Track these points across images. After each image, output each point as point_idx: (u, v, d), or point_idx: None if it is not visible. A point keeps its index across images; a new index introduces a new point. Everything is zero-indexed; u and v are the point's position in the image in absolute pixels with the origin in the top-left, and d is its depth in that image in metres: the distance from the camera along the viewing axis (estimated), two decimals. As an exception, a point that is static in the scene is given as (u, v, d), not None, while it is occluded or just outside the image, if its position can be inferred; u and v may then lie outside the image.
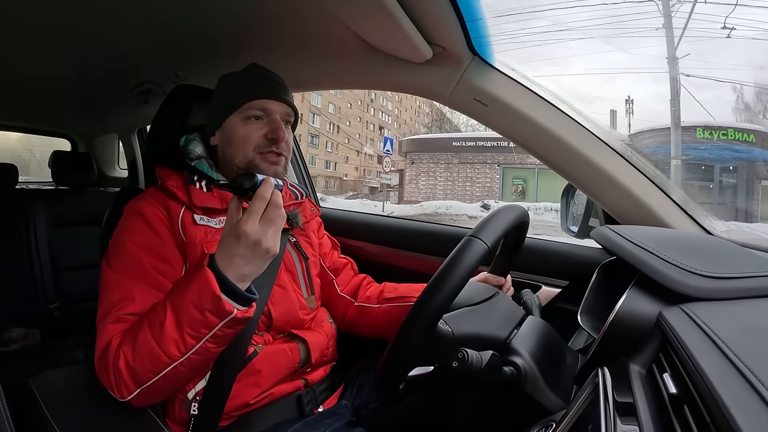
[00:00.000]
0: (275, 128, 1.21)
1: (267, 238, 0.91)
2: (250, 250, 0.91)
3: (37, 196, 2.59)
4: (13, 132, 3.18)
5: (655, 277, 0.77)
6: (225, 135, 1.25)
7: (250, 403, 1.15)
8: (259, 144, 1.21)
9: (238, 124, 1.22)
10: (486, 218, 0.99)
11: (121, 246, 1.12)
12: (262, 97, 1.22)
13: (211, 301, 0.90)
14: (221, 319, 0.91)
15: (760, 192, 15.36)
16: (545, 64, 31.19)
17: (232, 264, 0.92)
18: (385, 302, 1.43)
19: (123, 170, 3.34)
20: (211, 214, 1.21)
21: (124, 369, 0.95)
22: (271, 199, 0.91)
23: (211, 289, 0.89)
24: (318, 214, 1.54)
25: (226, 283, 0.91)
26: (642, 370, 0.67)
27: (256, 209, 0.90)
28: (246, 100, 1.22)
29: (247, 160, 1.21)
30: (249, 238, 0.89)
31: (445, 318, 0.94)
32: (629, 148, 1.25)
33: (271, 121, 1.23)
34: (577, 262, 1.47)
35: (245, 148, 1.21)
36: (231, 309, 0.91)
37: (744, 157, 15.51)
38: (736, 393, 0.43)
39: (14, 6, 1.39)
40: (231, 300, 0.91)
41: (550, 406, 0.89)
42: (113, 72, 2.05)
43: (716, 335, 0.55)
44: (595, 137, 1.24)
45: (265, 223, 0.91)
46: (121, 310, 1.03)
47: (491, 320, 1.03)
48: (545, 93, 1.25)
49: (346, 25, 1.22)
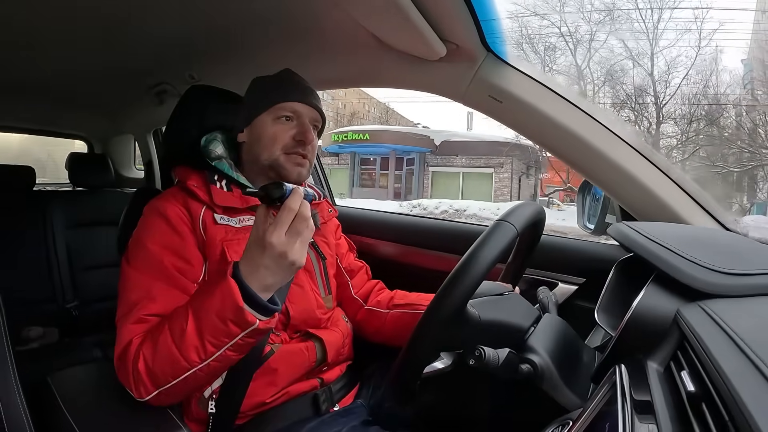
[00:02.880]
0: (304, 130, 1.23)
1: (293, 251, 0.89)
2: (275, 262, 0.89)
3: (55, 196, 2.61)
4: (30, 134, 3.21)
5: (673, 273, 0.76)
6: (254, 132, 1.26)
7: (266, 402, 1.16)
8: (287, 144, 1.23)
9: (268, 123, 1.24)
10: (514, 206, 1.00)
11: (142, 245, 1.13)
12: (295, 100, 1.24)
13: (234, 312, 0.89)
14: (243, 330, 0.91)
15: (431, 176, 21.52)
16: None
17: (257, 274, 0.91)
18: (394, 308, 1.43)
19: (139, 171, 3.37)
20: (231, 214, 1.21)
21: (143, 370, 0.96)
22: (300, 211, 0.89)
23: (234, 299, 0.89)
24: (335, 215, 1.54)
25: (249, 293, 0.90)
26: (660, 367, 0.67)
27: (283, 220, 0.88)
28: (279, 101, 1.24)
29: (272, 158, 1.23)
30: (274, 250, 0.88)
31: (471, 303, 0.94)
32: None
33: (300, 124, 1.25)
34: (593, 259, 1.46)
35: (273, 147, 1.22)
36: (253, 320, 0.90)
37: (417, 151, 21.28)
38: (755, 391, 0.43)
39: (31, 8, 1.40)
40: (253, 311, 0.91)
41: (567, 405, 0.88)
42: (128, 74, 2.06)
43: (735, 332, 0.55)
44: (612, 133, 1.23)
45: (291, 234, 0.88)
46: (141, 310, 1.04)
47: (515, 310, 1.03)
48: (560, 89, 1.24)
49: (359, 23, 1.22)
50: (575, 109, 1.23)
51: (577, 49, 17.87)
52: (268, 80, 1.29)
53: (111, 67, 1.98)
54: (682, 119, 16.48)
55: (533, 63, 17.23)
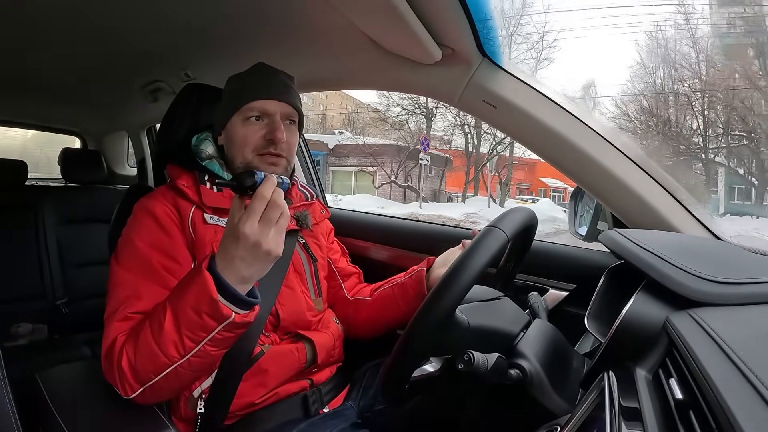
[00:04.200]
0: (273, 129, 1.21)
1: (267, 240, 0.87)
2: (250, 252, 0.88)
3: (47, 192, 2.60)
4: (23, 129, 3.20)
5: (663, 281, 0.76)
6: (228, 136, 1.26)
7: (255, 403, 1.16)
8: (257, 145, 1.21)
9: (238, 125, 1.23)
10: (505, 212, 1.00)
11: (131, 244, 1.12)
12: (261, 98, 1.22)
13: (209, 305, 0.88)
14: (219, 323, 0.90)
15: (331, 175, 24.09)
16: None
17: (232, 266, 0.89)
18: (375, 291, 1.43)
19: (132, 168, 3.36)
20: (221, 214, 1.21)
21: (126, 368, 0.95)
22: (272, 198, 0.87)
23: (208, 292, 0.88)
24: (328, 216, 1.54)
25: (225, 286, 0.89)
26: (648, 374, 0.67)
27: (255, 209, 0.86)
28: (245, 102, 1.22)
29: (245, 161, 1.22)
30: (248, 240, 0.86)
31: (461, 308, 0.94)
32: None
33: (270, 122, 1.23)
34: (584, 266, 1.47)
35: (244, 149, 1.22)
36: (229, 313, 0.89)
37: (320, 154, 23.00)
38: (742, 399, 0.43)
39: (24, 4, 1.40)
40: (230, 303, 0.90)
41: (556, 410, 0.89)
42: (123, 71, 2.06)
43: (723, 341, 0.55)
44: (605, 140, 1.23)
45: (264, 223, 0.87)
46: (128, 308, 1.03)
47: (504, 316, 1.03)
48: (554, 95, 1.24)
49: (355, 25, 1.22)
50: (569, 116, 1.24)
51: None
52: (238, 79, 1.27)
53: (106, 64, 1.97)
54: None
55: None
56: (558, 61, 26.55)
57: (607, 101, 20.60)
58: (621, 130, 15.23)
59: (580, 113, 1.24)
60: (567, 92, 16.05)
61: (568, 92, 16.70)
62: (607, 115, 17.57)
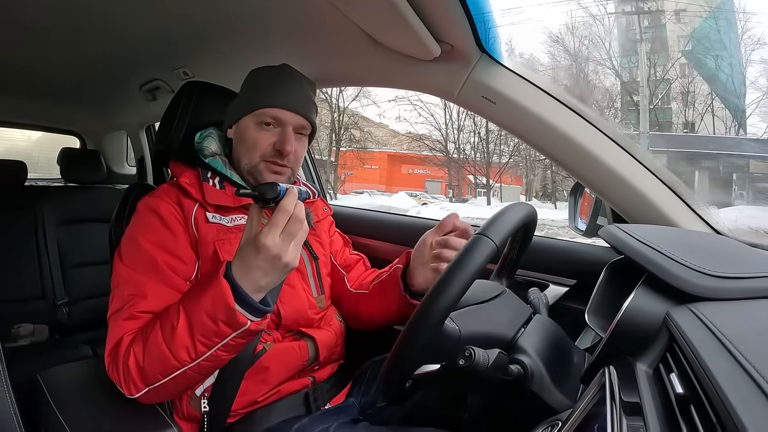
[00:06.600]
0: (283, 140, 1.19)
1: (287, 252, 0.89)
2: (270, 264, 0.89)
3: (46, 192, 2.60)
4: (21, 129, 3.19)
5: (663, 276, 0.76)
6: (239, 133, 1.25)
7: (257, 400, 1.16)
8: (266, 152, 1.20)
9: (251, 127, 1.21)
10: (494, 216, 0.96)
11: (135, 242, 1.12)
12: (279, 106, 1.20)
13: (225, 312, 0.89)
14: (234, 330, 0.91)
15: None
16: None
17: (249, 275, 0.90)
18: (373, 282, 1.41)
19: (131, 167, 3.34)
20: (223, 212, 1.21)
21: (133, 368, 0.96)
22: (294, 212, 0.88)
23: (225, 299, 0.88)
24: (330, 214, 1.54)
25: (241, 294, 0.90)
26: (649, 369, 0.67)
27: (277, 222, 0.87)
28: (262, 105, 1.20)
29: (251, 165, 1.22)
30: (269, 252, 0.87)
31: (453, 316, 0.93)
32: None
33: (282, 132, 1.21)
34: (584, 261, 1.46)
35: (252, 153, 1.21)
36: (245, 321, 0.90)
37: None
38: (743, 394, 0.43)
39: (27, 6, 1.39)
40: (245, 311, 0.91)
41: (557, 405, 0.88)
42: (121, 69, 2.06)
43: (724, 335, 0.55)
44: (604, 135, 1.23)
45: (286, 236, 0.88)
46: (133, 306, 1.03)
47: (498, 319, 1.02)
48: (554, 90, 1.24)
49: (353, 22, 1.22)
50: (568, 112, 1.24)
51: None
52: (261, 77, 1.25)
53: (103, 62, 1.97)
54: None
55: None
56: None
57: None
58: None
59: (580, 108, 1.24)
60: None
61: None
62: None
